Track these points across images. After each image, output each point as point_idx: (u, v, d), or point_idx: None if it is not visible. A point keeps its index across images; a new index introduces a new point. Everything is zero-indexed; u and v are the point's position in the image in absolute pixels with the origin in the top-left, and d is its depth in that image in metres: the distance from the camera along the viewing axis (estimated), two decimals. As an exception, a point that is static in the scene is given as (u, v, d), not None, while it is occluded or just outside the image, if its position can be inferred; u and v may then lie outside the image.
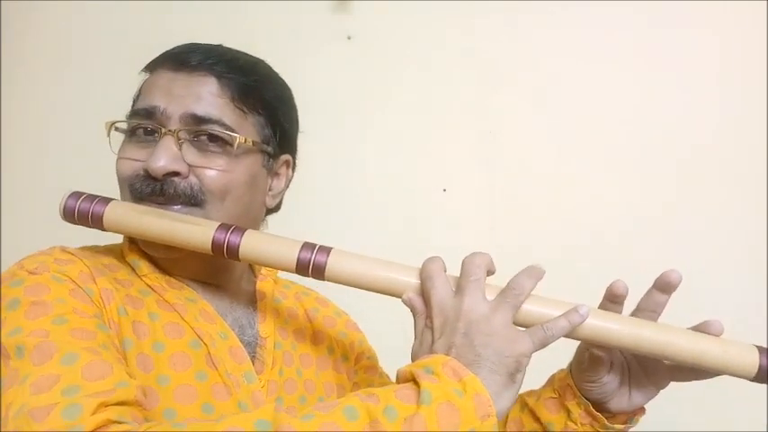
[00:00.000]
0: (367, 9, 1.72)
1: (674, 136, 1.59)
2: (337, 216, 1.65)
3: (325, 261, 0.72)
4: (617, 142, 1.62)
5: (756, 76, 1.56)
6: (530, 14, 1.67)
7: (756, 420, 1.44)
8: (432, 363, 0.62)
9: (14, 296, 0.66)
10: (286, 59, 1.69)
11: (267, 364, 0.79)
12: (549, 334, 0.66)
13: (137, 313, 0.72)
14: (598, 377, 0.77)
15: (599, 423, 0.78)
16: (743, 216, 1.55)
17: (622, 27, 1.63)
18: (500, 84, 1.67)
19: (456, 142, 1.68)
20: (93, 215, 0.75)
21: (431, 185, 1.68)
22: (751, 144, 1.56)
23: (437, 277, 0.68)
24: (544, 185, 1.64)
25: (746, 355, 0.68)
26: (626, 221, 1.59)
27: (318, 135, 1.67)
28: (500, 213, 1.64)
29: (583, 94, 1.64)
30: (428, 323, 0.68)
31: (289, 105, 0.87)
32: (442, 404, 0.57)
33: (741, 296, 1.51)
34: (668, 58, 1.61)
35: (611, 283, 0.74)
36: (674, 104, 1.60)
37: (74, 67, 1.79)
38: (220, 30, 1.67)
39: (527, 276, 0.67)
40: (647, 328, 0.69)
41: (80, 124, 1.71)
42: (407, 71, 1.70)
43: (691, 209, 1.57)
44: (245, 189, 0.79)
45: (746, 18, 1.56)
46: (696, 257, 1.56)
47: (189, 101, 0.76)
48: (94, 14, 1.79)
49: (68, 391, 0.57)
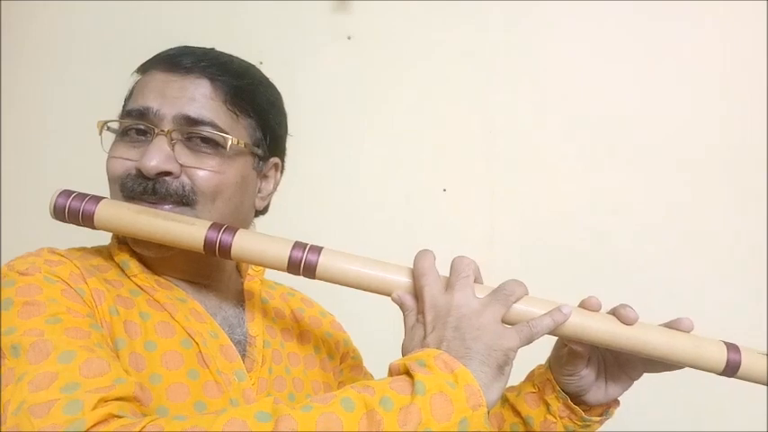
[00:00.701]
0: (367, 9, 1.72)
1: (674, 136, 1.59)
2: (337, 216, 1.66)
3: (316, 260, 0.73)
4: (617, 142, 1.62)
5: (757, 76, 1.56)
6: (530, 14, 1.67)
7: (756, 420, 1.44)
8: (424, 356, 0.64)
9: (7, 297, 0.66)
10: (286, 59, 1.71)
11: (257, 362, 0.80)
12: (535, 331, 0.69)
13: (128, 313, 0.73)
14: (576, 371, 0.80)
15: (577, 416, 0.82)
16: (743, 216, 1.55)
17: (623, 26, 1.63)
18: (500, 84, 1.67)
19: (456, 142, 1.68)
20: (83, 214, 0.75)
21: (431, 185, 1.68)
22: (752, 144, 1.56)
23: (429, 274, 0.70)
24: (544, 185, 1.64)
25: (715, 351, 0.72)
26: (626, 221, 1.59)
27: (318, 135, 1.68)
28: (500, 213, 1.64)
29: (583, 94, 1.64)
30: (419, 318, 0.70)
31: (279, 109, 0.88)
32: (436, 395, 0.59)
33: (741, 296, 1.51)
34: (669, 58, 1.61)
35: (585, 300, 0.75)
36: (674, 104, 1.60)
37: (73, 67, 1.80)
38: (220, 30, 1.68)
39: (516, 283, 0.71)
40: (623, 326, 0.73)
41: (80, 124, 1.72)
42: (407, 71, 1.71)
43: (692, 209, 1.58)
44: (235, 190, 0.80)
45: (748, 16, 1.56)
46: (696, 257, 1.56)
47: (182, 102, 0.77)
48: (94, 14, 1.80)
49: (67, 387, 0.57)
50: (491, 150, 1.67)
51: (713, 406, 1.44)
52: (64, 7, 1.81)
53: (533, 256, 1.58)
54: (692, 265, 1.54)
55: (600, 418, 0.83)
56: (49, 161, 1.77)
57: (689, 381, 1.45)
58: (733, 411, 1.44)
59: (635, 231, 1.58)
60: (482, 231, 1.64)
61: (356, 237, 1.36)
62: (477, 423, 0.60)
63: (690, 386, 1.46)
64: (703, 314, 0.78)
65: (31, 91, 1.82)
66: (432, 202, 1.67)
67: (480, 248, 1.59)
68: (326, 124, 1.66)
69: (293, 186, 0.91)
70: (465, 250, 0.76)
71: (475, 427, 0.60)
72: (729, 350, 0.72)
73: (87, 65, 1.79)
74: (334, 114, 1.68)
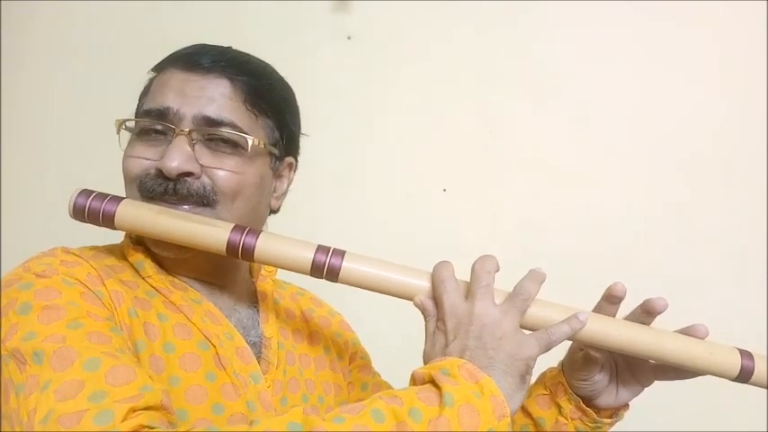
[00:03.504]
0: (367, 9, 1.72)
1: (674, 136, 1.60)
2: (337, 216, 1.66)
3: (340, 264, 0.73)
4: (617, 142, 1.62)
5: (756, 76, 1.56)
6: (530, 14, 1.67)
7: (756, 420, 1.44)
8: (448, 365, 0.64)
9: (25, 300, 0.65)
10: (286, 59, 1.69)
11: (272, 363, 0.80)
12: (554, 338, 0.70)
13: (146, 315, 0.72)
14: (590, 376, 0.81)
15: (588, 418, 0.83)
16: (743, 216, 1.56)
17: (623, 26, 1.63)
18: (500, 84, 1.67)
19: (456, 142, 1.68)
20: (104, 213, 0.74)
21: (431, 185, 1.68)
22: (752, 144, 1.56)
23: (449, 282, 0.71)
24: (544, 185, 1.64)
25: (729, 358, 0.73)
26: (626, 221, 1.59)
27: (318, 135, 1.67)
28: (500, 213, 1.64)
29: (583, 94, 1.64)
30: (440, 326, 0.70)
31: (294, 108, 0.88)
32: (463, 406, 0.60)
33: (742, 298, 1.51)
34: (669, 58, 1.61)
35: (611, 285, 0.77)
36: (674, 104, 1.61)
37: (74, 66, 1.79)
38: (220, 29, 1.68)
39: (531, 281, 0.71)
40: (640, 333, 0.74)
41: (80, 124, 1.72)
42: (407, 71, 1.70)
43: (692, 209, 1.58)
44: (254, 190, 0.79)
45: (748, 16, 1.57)
46: (696, 257, 1.56)
47: (202, 102, 0.76)
48: (94, 14, 1.79)
49: (95, 396, 0.57)
50: (491, 150, 1.67)
51: (713, 406, 1.44)
52: (64, 7, 1.80)
53: (533, 256, 1.58)
54: (692, 265, 1.54)
55: (611, 420, 0.84)
56: (49, 161, 1.77)
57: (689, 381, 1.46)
58: (733, 412, 1.44)
59: (635, 231, 1.58)
60: (482, 231, 1.64)
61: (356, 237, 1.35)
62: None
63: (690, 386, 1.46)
64: (703, 314, 0.79)
65: (32, 91, 1.82)
66: (432, 202, 1.67)
67: (480, 248, 1.58)
68: (326, 124, 1.66)
69: (293, 186, 0.91)
70: (465, 250, 0.76)
71: None
72: (743, 357, 0.73)
73: (87, 65, 1.78)
74: (334, 114, 1.68)
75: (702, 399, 1.44)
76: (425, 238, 1.62)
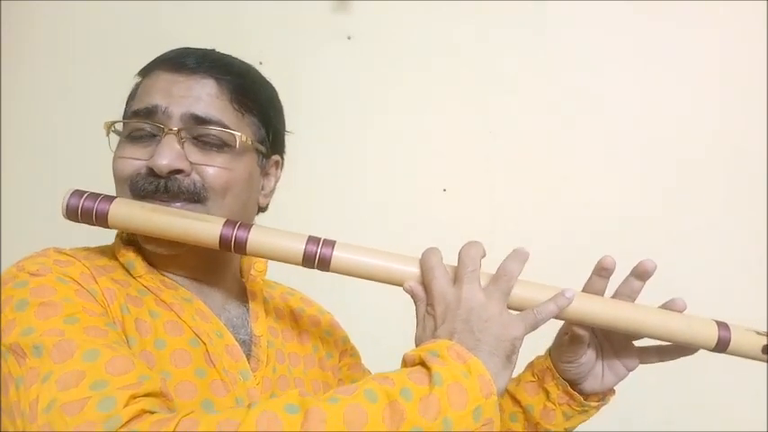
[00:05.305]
0: (367, 9, 1.72)
1: (674, 135, 1.60)
2: (337, 216, 1.66)
3: (331, 253, 0.75)
4: (617, 142, 1.63)
5: (756, 77, 1.56)
6: (529, 14, 1.67)
7: (756, 420, 1.44)
8: (437, 347, 0.67)
9: (21, 297, 0.66)
10: (286, 59, 1.71)
11: (262, 361, 0.81)
12: (540, 317, 0.72)
13: (138, 311, 0.74)
14: (576, 357, 0.83)
15: (575, 401, 0.85)
16: (743, 215, 1.56)
17: (622, 26, 1.64)
18: (500, 84, 1.67)
19: (456, 142, 1.68)
20: (97, 213, 0.75)
21: (431, 185, 1.68)
22: (752, 144, 1.56)
23: (437, 268, 0.73)
24: (544, 185, 1.64)
25: (707, 329, 0.77)
26: (626, 221, 1.59)
27: (318, 135, 1.68)
28: (500, 213, 1.65)
29: (583, 94, 1.65)
30: (429, 310, 0.72)
31: (278, 107, 0.90)
32: (452, 385, 0.62)
33: (741, 295, 1.51)
34: (668, 58, 1.61)
35: (602, 258, 0.80)
36: (674, 104, 1.61)
37: (73, 67, 1.80)
38: (220, 30, 1.68)
39: (513, 261, 0.73)
40: (623, 308, 0.77)
41: (80, 124, 1.72)
42: (407, 71, 1.71)
43: (691, 208, 1.58)
44: (243, 187, 0.81)
45: (748, 16, 1.57)
46: (696, 257, 1.56)
47: (189, 101, 0.78)
48: (94, 15, 1.80)
49: (96, 385, 0.58)
50: (491, 150, 1.67)
51: (713, 406, 1.44)
52: (64, 7, 1.81)
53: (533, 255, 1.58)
54: (691, 265, 1.54)
55: (597, 404, 0.86)
56: (49, 161, 1.77)
57: (689, 380, 1.46)
58: (733, 411, 1.44)
59: (635, 231, 1.58)
60: (482, 231, 1.63)
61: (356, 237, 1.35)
62: (490, 410, 0.63)
63: (690, 386, 1.47)
64: (703, 313, 0.79)
65: (32, 91, 1.82)
66: (432, 202, 1.67)
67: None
68: (326, 124, 1.66)
69: (292, 186, 0.91)
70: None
71: (487, 413, 0.63)
72: (720, 328, 0.77)
73: (87, 65, 1.79)
74: (334, 114, 1.68)
75: (702, 398, 1.44)
76: (425, 237, 1.62)
